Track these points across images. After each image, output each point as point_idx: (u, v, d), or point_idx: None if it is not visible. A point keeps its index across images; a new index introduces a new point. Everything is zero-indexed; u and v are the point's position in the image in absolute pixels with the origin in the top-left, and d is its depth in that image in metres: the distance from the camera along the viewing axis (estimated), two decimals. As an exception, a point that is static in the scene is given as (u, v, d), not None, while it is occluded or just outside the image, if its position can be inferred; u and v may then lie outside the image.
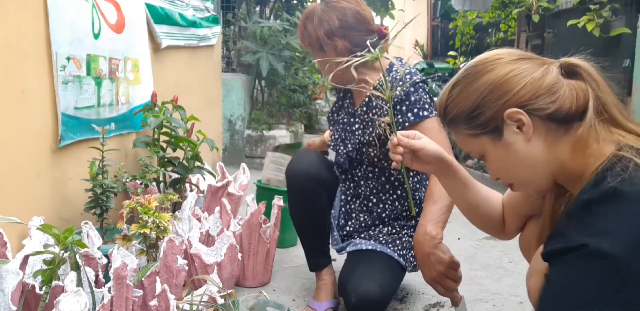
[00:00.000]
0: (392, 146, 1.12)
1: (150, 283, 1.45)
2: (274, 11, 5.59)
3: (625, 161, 0.78)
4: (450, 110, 0.95)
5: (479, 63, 0.94)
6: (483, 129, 0.91)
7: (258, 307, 1.35)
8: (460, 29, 6.69)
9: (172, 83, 2.81)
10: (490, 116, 0.90)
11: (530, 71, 0.89)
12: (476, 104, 0.91)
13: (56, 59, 1.72)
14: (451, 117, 0.96)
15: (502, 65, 0.90)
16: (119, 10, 2.19)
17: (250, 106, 4.97)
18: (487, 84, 0.90)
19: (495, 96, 0.89)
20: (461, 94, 0.93)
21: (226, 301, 1.31)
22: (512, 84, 0.88)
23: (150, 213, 1.57)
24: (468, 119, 0.93)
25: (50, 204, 1.76)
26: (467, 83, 0.93)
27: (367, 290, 1.52)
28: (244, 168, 2.54)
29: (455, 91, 0.95)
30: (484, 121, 0.91)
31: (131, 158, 2.32)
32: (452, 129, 0.98)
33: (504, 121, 0.89)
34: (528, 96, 0.87)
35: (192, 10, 3.14)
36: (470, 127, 0.93)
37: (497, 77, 0.89)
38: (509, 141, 0.90)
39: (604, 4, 3.56)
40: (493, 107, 0.89)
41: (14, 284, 1.21)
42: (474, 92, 0.91)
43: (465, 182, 1.16)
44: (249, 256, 1.94)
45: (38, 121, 1.68)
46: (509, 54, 0.93)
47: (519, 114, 0.87)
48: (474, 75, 0.92)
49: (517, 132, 0.89)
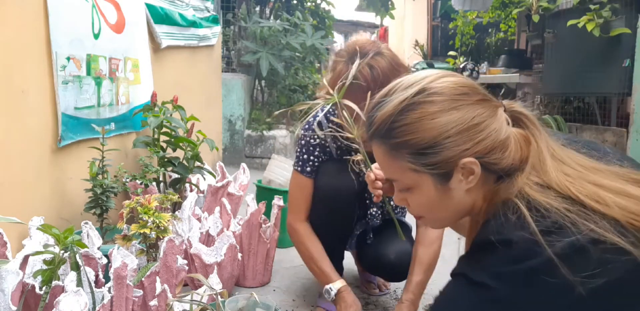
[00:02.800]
0: (370, 182, 1.14)
1: (150, 283, 1.45)
2: (274, 11, 5.59)
3: (512, 207, 0.79)
4: (397, 135, 0.85)
5: (442, 90, 0.84)
6: (431, 169, 0.84)
7: (248, 308, 1.35)
8: (460, 29, 6.69)
9: (172, 83, 2.81)
10: (446, 159, 0.83)
11: (491, 119, 0.83)
12: (435, 142, 0.82)
13: (56, 59, 1.72)
14: (396, 142, 0.85)
15: (469, 105, 0.83)
16: (119, 10, 2.19)
17: (250, 106, 4.97)
18: (455, 124, 0.82)
19: (460, 140, 0.82)
20: (418, 124, 0.83)
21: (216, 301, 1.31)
22: (478, 132, 0.82)
23: (150, 213, 1.57)
24: (418, 154, 0.84)
25: (50, 204, 1.76)
26: (429, 115, 0.83)
27: (401, 247, 1.68)
28: (244, 168, 2.54)
29: (409, 116, 0.83)
30: (436, 162, 0.83)
31: (131, 158, 2.32)
32: (384, 149, 0.88)
33: (456, 167, 0.83)
34: (486, 148, 0.82)
35: (192, 10, 3.14)
36: (417, 162, 0.84)
37: (464, 119, 0.82)
38: (451, 186, 0.86)
39: (604, 4, 3.56)
40: (452, 151, 0.82)
41: (14, 284, 1.21)
42: (434, 129, 0.82)
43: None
44: (249, 256, 1.94)
45: (38, 121, 1.68)
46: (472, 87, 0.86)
47: (474, 165, 0.82)
48: (438, 107, 0.83)
49: (461, 180, 0.84)
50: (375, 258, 1.72)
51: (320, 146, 1.69)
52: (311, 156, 1.69)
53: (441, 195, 0.87)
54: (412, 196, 0.91)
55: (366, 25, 11.08)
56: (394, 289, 1.98)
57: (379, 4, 6.50)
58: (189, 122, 2.24)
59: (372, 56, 1.46)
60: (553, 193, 0.78)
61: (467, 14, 6.69)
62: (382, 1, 6.48)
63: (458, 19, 6.75)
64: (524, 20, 5.40)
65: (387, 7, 6.56)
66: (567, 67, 3.99)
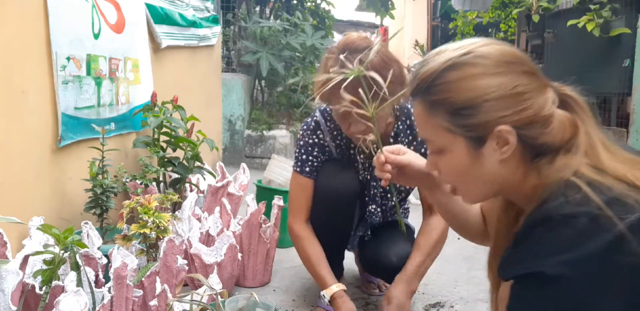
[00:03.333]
0: (379, 164, 1.11)
1: (150, 283, 1.45)
2: (274, 11, 5.59)
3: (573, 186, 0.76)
4: (436, 92, 0.84)
5: (490, 56, 0.83)
6: (465, 131, 0.83)
7: (248, 308, 1.35)
8: (460, 29, 6.69)
9: (172, 83, 2.81)
10: (482, 123, 0.82)
11: (537, 93, 0.82)
12: (474, 103, 0.81)
13: (56, 59, 1.72)
14: (435, 99, 0.85)
15: (516, 74, 0.82)
16: (119, 10, 2.19)
17: (250, 106, 4.97)
18: (496, 89, 0.81)
19: (499, 106, 0.81)
20: (459, 83, 0.82)
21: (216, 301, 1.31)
22: (519, 102, 0.81)
23: (150, 213, 1.57)
24: (455, 114, 0.83)
25: (50, 204, 1.76)
26: (471, 76, 0.82)
27: (403, 249, 1.67)
28: (244, 168, 2.54)
29: (452, 75, 0.83)
30: (471, 124, 0.82)
31: (131, 158, 2.32)
32: (423, 106, 0.87)
33: (491, 134, 0.82)
34: (526, 120, 0.81)
35: (192, 10, 3.14)
36: (452, 122, 0.84)
37: (507, 85, 0.81)
38: (484, 154, 0.84)
39: (604, 4, 3.56)
40: (488, 116, 0.81)
41: (14, 284, 1.21)
42: (475, 90, 0.81)
43: (449, 195, 1.13)
44: (249, 256, 1.94)
45: (38, 121, 1.68)
46: (522, 60, 0.84)
47: (510, 135, 0.81)
48: (482, 69, 0.82)
49: (495, 149, 0.83)
50: (376, 259, 1.71)
51: (318, 145, 1.69)
52: (310, 156, 1.69)
53: (473, 161, 0.85)
54: (444, 160, 0.88)
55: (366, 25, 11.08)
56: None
57: (379, 4, 6.50)
58: (189, 122, 2.24)
59: (363, 49, 1.43)
60: (610, 177, 0.76)
61: (467, 14, 6.70)
62: (382, 1, 6.48)
63: (458, 19, 6.75)
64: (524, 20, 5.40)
65: (387, 7, 6.56)
66: (567, 67, 3.99)
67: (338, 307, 1.58)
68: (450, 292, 1.97)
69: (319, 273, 1.65)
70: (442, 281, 2.06)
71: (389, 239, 1.73)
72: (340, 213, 1.69)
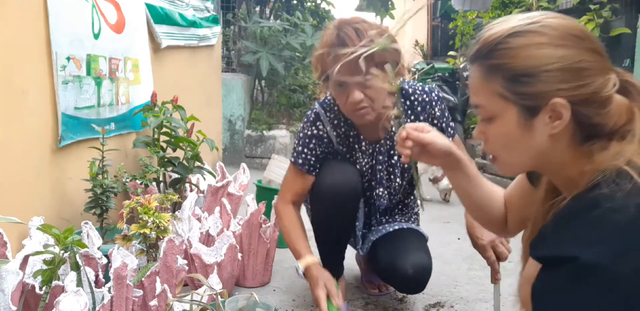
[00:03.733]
0: (401, 140, 1.08)
1: (150, 283, 1.45)
2: (274, 11, 5.59)
3: (625, 175, 0.74)
4: (498, 56, 0.82)
5: (559, 27, 0.81)
6: (520, 99, 0.81)
7: (248, 308, 1.35)
8: (460, 29, 6.69)
9: (172, 83, 2.81)
10: (539, 92, 0.79)
11: (599, 72, 0.80)
12: (534, 71, 0.79)
13: (56, 59, 1.72)
14: (495, 64, 0.83)
15: (581, 49, 0.79)
16: (119, 10, 2.20)
17: (250, 106, 4.97)
18: (558, 60, 0.78)
19: (559, 78, 0.79)
20: (521, 50, 0.80)
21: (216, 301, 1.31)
22: (580, 77, 0.79)
23: (150, 213, 1.57)
24: (512, 80, 0.81)
25: (50, 204, 1.76)
26: (536, 44, 0.80)
27: (420, 259, 1.63)
28: (244, 168, 2.54)
29: (516, 41, 0.81)
30: (527, 92, 0.80)
31: (131, 158, 2.32)
32: (481, 72, 0.85)
33: (545, 106, 0.80)
34: (583, 97, 0.79)
35: (192, 10, 3.14)
36: (508, 89, 0.82)
37: (570, 58, 0.78)
38: (534, 125, 0.82)
39: (604, 4, 3.56)
40: (546, 87, 0.79)
41: (14, 284, 1.21)
42: (537, 58, 0.79)
43: (472, 177, 1.12)
44: (249, 256, 1.94)
45: (38, 121, 1.68)
46: (590, 38, 0.82)
47: (564, 109, 0.78)
48: (548, 39, 0.80)
49: (547, 123, 0.81)
50: (392, 269, 1.64)
51: (317, 137, 1.68)
52: (306, 148, 1.69)
53: (522, 132, 0.83)
54: (493, 128, 0.87)
55: (366, 25, 11.05)
56: (393, 289, 1.98)
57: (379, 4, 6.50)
58: (189, 122, 2.24)
59: (359, 21, 1.51)
60: None
61: (467, 14, 6.69)
62: (382, 1, 6.48)
63: (458, 19, 6.75)
64: (524, 20, 5.39)
65: (387, 7, 6.56)
66: (567, 67, 3.99)
67: (313, 276, 1.55)
68: (450, 292, 1.97)
69: (295, 246, 1.65)
70: (442, 281, 2.06)
71: (404, 247, 1.68)
72: (342, 212, 1.67)
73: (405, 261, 1.60)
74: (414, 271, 1.59)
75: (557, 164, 0.85)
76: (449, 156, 1.09)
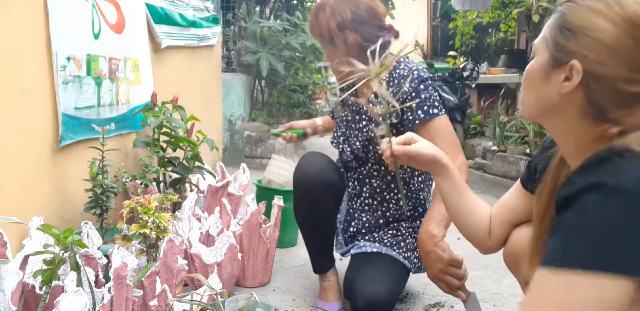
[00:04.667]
0: (386, 156, 1.15)
1: (150, 283, 1.45)
2: (274, 11, 5.59)
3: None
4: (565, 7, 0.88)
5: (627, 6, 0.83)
6: (553, 47, 0.87)
7: (248, 308, 1.35)
8: (460, 29, 6.69)
9: (172, 83, 2.81)
10: (567, 48, 0.85)
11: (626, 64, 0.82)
12: (577, 30, 0.84)
13: (56, 59, 1.72)
14: (559, 12, 0.89)
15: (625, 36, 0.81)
16: (119, 10, 2.20)
17: (250, 106, 4.97)
18: (599, 31, 0.82)
19: (589, 44, 0.83)
20: (585, 11, 0.85)
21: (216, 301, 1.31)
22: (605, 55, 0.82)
23: (150, 213, 1.57)
24: (559, 29, 0.87)
25: (50, 204, 1.76)
26: (598, 11, 0.83)
27: (375, 293, 1.52)
28: (244, 168, 2.54)
29: (589, 2, 0.85)
30: (561, 45, 0.86)
31: (131, 158, 2.32)
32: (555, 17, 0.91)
33: (565, 64, 0.84)
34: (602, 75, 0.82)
35: (192, 10, 3.14)
36: (552, 35, 0.88)
37: (609, 37, 0.81)
38: (551, 77, 0.88)
39: (604, 4, 3.55)
40: (576, 47, 0.84)
41: (14, 284, 1.21)
42: (586, 20, 0.84)
43: (455, 186, 1.18)
44: (249, 256, 1.94)
45: (38, 121, 1.68)
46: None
47: (576, 73, 0.83)
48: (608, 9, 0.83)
49: (561, 80, 0.86)
50: (348, 294, 1.63)
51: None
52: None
53: (542, 78, 0.90)
54: (529, 65, 0.94)
55: (366, 25, 11.06)
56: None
57: (379, 4, 6.50)
58: (189, 122, 2.24)
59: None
60: None
61: (467, 14, 6.69)
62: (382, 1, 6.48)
63: (458, 19, 6.75)
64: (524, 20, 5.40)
65: (387, 7, 6.56)
66: (567, 67, 3.99)
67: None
68: (450, 292, 1.97)
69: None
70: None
71: (368, 277, 1.58)
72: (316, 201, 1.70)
73: (360, 291, 1.54)
74: (364, 304, 1.52)
75: (567, 126, 0.89)
76: (436, 163, 1.16)
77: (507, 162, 4.00)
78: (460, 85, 5.43)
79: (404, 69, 1.68)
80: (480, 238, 1.21)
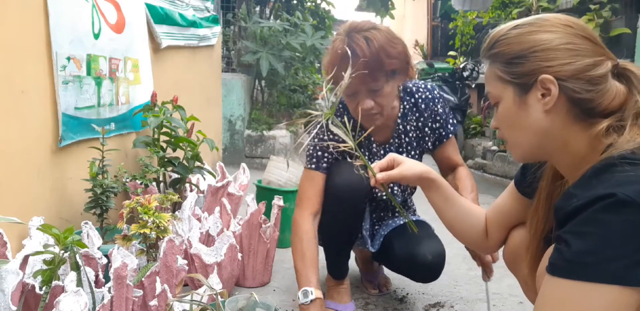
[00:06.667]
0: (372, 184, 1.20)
1: (150, 283, 1.45)
2: (274, 11, 5.59)
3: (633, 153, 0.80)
4: (498, 46, 0.95)
5: (551, 19, 0.92)
6: (514, 79, 0.92)
7: (248, 308, 1.35)
8: (460, 29, 6.69)
9: (172, 83, 2.81)
10: (528, 71, 0.90)
11: (586, 54, 0.88)
12: (523, 54, 0.90)
13: (56, 59, 1.72)
14: (495, 52, 0.95)
15: (569, 34, 0.89)
16: (119, 10, 2.20)
17: (250, 106, 4.97)
18: (544, 42, 0.89)
19: (544, 56, 0.89)
20: (516, 38, 0.92)
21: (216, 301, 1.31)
22: (565, 56, 0.88)
23: (150, 213, 1.57)
24: (507, 63, 0.93)
25: (50, 204, 1.76)
26: (528, 32, 0.92)
27: (437, 246, 1.68)
28: (244, 168, 2.54)
29: (513, 32, 0.94)
30: (519, 72, 0.91)
31: (131, 158, 2.32)
32: (489, 63, 0.98)
33: (535, 83, 0.89)
34: (570, 74, 0.87)
35: (192, 10, 3.14)
36: (505, 71, 0.93)
37: (556, 42, 0.89)
38: (528, 102, 0.91)
39: (604, 4, 3.56)
40: (534, 65, 0.89)
41: (14, 284, 1.21)
42: (528, 42, 0.91)
43: (446, 197, 1.20)
44: (249, 256, 1.94)
45: (38, 121, 1.68)
46: (582, 28, 0.92)
47: (551, 84, 0.87)
48: (539, 27, 0.91)
49: (540, 99, 0.89)
50: (411, 258, 1.66)
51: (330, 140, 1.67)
52: (319, 152, 1.68)
53: (519, 110, 0.92)
54: (499, 111, 0.97)
55: (366, 25, 11.05)
56: (393, 289, 1.99)
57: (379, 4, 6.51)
58: (189, 122, 2.24)
59: (368, 29, 1.52)
60: None
61: (467, 14, 6.70)
62: (382, 1, 6.49)
63: (458, 19, 6.75)
64: (524, 21, 5.39)
65: (387, 7, 6.57)
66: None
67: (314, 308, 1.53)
68: (450, 292, 1.97)
69: (308, 275, 1.58)
70: (442, 281, 2.05)
71: (419, 237, 1.68)
72: (350, 212, 1.66)
73: (423, 249, 1.65)
74: (433, 257, 1.64)
75: (560, 141, 0.91)
76: (423, 180, 1.20)
77: (507, 162, 4.00)
78: (460, 85, 5.43)
79: (424, 92, 1.73)
80: (478, 241, 1.23)
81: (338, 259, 1.76)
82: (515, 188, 1.14)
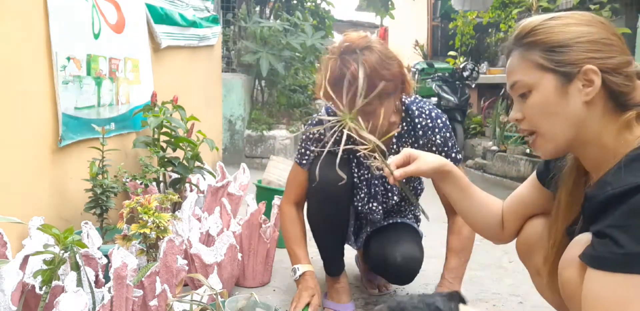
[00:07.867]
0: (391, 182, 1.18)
1: (150, 283, 1.45)
2: (274, 11, 5.59)
3: None
4: (537, 34, 0.94)
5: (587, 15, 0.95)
6: (557, 67, 0.91)
7: (248, 308, 1.35)
8: (460, 29, 6.69)
9: (172, 83, 2.81)
10: (573, 60, 0.90)
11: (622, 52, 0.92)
12: (567, 43, 0.91)
13: (56, 59, 1.72)
14: (532, 40, 0.94)
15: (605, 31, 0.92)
16: (119, 10, 2.20)
17: (250, 106, 4.97)
18: (587, 34, 0.91)
19: (590, 47, 0.90)
20: (558, 27, 0.93)
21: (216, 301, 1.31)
22: (607, 50, 0.90)
23: (150, 213, 1.57)
24: (550, 51, 0.92)
25: (50, 204, 1.76)
26: (567, 23, 0.93)
27: (409, 248, 1.66)
28: (244, 168, 2.54)
29: (552, 22, 0.94)
30: (563, 60, 0.91)
31: (131, 158, 2.32)
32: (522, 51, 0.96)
33: (579, 73, 0.90)
34: (612, 67, 0.89)
35: (192, 10, 3.14)
36: (547, 58, 0.92)
37: (598, 35, 0.91)
38: (569, 92, 0.91)
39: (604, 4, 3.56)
40: (580, 55, 0.90)
41: (14, 284, 1.21)
42: (571, 32, 0.91)
43: (462, 188, 1.20)
44: (249, 256, 1.94)
45: (38, 121, 1.68)
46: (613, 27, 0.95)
47: (594, 75, 0.88)
48: (578, 20, 0.93)
49: (581, 89, 0.90)
50: (382, 258, 1.68)
51: (319, 140, 1.70)
52: (308, 151, 1.71)
53: (559, 99, 0.92)
54: (530, 100, 0.94)
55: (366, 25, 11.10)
56: (393, 289, 1.99)
57: (379, 4, 6.51)
58: (189, 122, 2.24)
59: (362, 50, 1.47)
60: None
61: (467, 14, 6.70)
62: (382, 1, 6.49)
63: (458, 19, 6.75)
64: (524, 21, 5.39)
65: (387, 7, 6.57)
66: (567, 67, 4.00)
67: (306, 282, 1.67)
68: (450, 292, 1.97)
69: (296, 252, 1.72)
70: (442, 281, 2.05)
71: (395, 238, 1.71)
72: (335, 204, 1.68)
73: (394, 250, 1.64)
74: (402, 259, 1.62)
75: (594, 134, 0.92)
76: (437, 172, 1.19)
77: (507, 162, 4.00)
78: (460, 85, 5.42)
79: (425, 119, 1.65)
80: (493, 231, 1.23)
81: (330, 255, 1.78)
82: (537, 180, 1.14)
